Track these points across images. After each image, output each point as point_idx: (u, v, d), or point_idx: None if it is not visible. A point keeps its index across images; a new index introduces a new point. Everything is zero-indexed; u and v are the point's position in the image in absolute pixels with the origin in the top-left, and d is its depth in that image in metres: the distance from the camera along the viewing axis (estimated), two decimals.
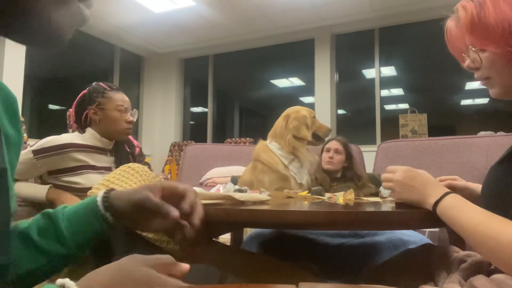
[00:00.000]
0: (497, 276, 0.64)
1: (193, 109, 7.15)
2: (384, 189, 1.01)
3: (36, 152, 1.47)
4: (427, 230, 1.71)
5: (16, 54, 4.53)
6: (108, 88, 1.65)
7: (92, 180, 1.52)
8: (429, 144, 2.36)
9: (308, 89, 5.92)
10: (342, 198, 1.12)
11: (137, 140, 2.26)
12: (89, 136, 1.60)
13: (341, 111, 5.79)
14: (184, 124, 6.83)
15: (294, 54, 6.17)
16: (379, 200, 1.14)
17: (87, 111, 1.62)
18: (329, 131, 1.87)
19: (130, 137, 1.74)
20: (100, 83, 1.67)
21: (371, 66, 5.54)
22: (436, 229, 1.69)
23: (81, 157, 1.54)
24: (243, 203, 0.93)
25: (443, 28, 0.86)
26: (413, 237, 1.32)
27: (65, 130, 2.14)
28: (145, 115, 6.62)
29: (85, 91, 1.65)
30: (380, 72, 5.49)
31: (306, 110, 1.82)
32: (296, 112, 1.79)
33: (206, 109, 6.69)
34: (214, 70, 6.65)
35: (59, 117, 3.33)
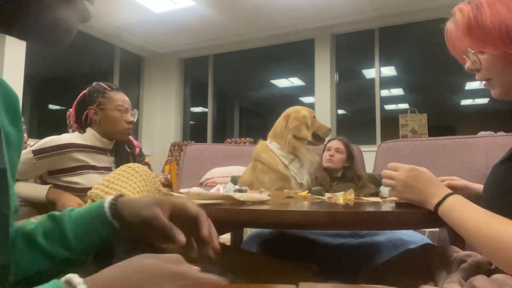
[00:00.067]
0: (497, 276, 0.64)
1: (193, 109, 7.15)
2: (384, 188, 1.01)
3: (36, 152, 1.47)
4: (427, 230, 1.71)
5: (16, 54, 4.53)
6: (109, 88, 1.65)
7: (92, 180, 1.52)
8: (429, 144, 2.36)
9: (308, 89, 5.92)
10: (342, 198, 1.13)
11: (137, 140, 2.26)
12: (89, 136, 1.60)
13: (341, 111, 5.79)
14: (184, 124, 6.83)
15: (294, 54, 6.17)
16: (379, 200, 1.14)
17: (87, 111, 1.62)
18: (329, 131, 1.87)
19: (130, 137, 1.74)
20: (101, 83, 1.66)
21: (371, 66, 5.54)
22: (436, 229, 1.69)
23: (81, 157, 1.54)
24: (243, 203, 0.93)
25: (443, 28, 0.87)
26: (413, 237, 1.32)
27: (65, 130, 2.13)
28: (145, 115, 6.62)
29: (85, 91, 1.65)
30: (380, 72, 5.49)
31: (306, 110, 1.82)
32: (296, 112, 1.79)
33: (206, 109, 6.69)
34: (214, 70, 6.65)
35: (59, 117, 3.33)
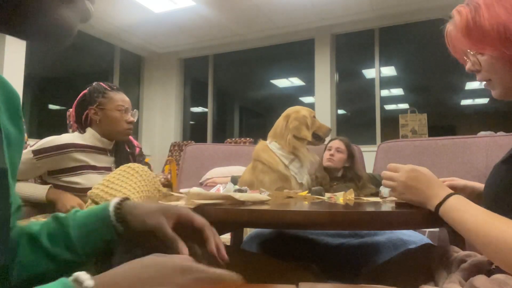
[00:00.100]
0: (498, 276, 0.64)
1: (193, 109, 7.15)
2: (384, 188, 1.01)
3: (36, 152, 1.47)
4: (427, 230, 1.70)
5: (16, 54, 4.53)
6: (109, 88, 1.64)
7: (92, 180, 1.52)
8: (429, 144, 2.36)
9: (308, 89, 5.91)
10: (342, 198, 1.12)
11: (137, 140, 2.26)
12: (89, 136, 1.60)
13: (341, 111, 5.79)
14: (184, 124, 6.83)
15: (294, 54, 6.17)
16: (379, 200, 1.14)
17: (87, 111, 1.62)
18: (329, 131, 1.87)
19: (130, 137, 1.74)
20: (101, 83, 1.66)
21: (371, 66, 5.54)
22: (436, 229, 1.69)
23: (81, 157, 1.54)
24: (243, 203, 0.93)
25: (443, 28, 0.87)
26: (413, 237, 1.32)
27: (65, 130, 2.13)
28: (145, 115, 6.62)
29: (85, 91, 1.65)
30: (380, 72, 5.49)
31: (306, 110, 1.83)
32: (296, 112, 1.79)
33: (206, 109, 6.68)
34: (214, 70, 6.65)
35: (59, 117, 3.33)
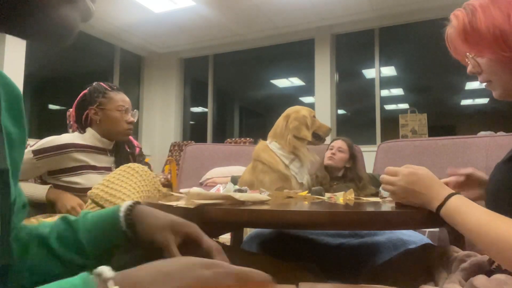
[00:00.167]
0: (498, 276, 0.64)
1: (193, 109, 7.15)
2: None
3: (36, 152, 1.47)
4: (427, 230, 1.70)
5: (16, 54, 4.53)
6: (109, 88, 1.64)
7: (92, 180, 1.52)
8: (429, 144, 2.36)
9: (308, 89, 5.91)
10: (342, 198, 1.12)
11: (137, 140, 2.26)
12: (89, 136, 1.60)
13: (341, 111, 5.79)
14: (184, 124, 6.83)
15: (294, 54, 6.16)
16: (379, 200, 1.14)
17: (87, 111, 1.62)
18: (329, 130, 1.87)
19: (130, 137, 1.74)
20: (101, 83, 1.66)
21: (371, 66, 5.54)
22: (436, 229, 1.69)
23: (81, 157, 1.54)
24: (243, 203, 0.93)
25: (443, 29, 0.87)
26: (413, 237, 1.32)
27: (65, 130, 2.13)
28: (145, 115, 6.62)
29: (85, 91, 1.65)
30: (380, 72, 5.49)
31: (306, 110, 1.83)
32: (296, 112, 1.79)
33: (206, 109, 6.68)
34: (214, 70, 6.65)
35: (59, 117, 3.33)
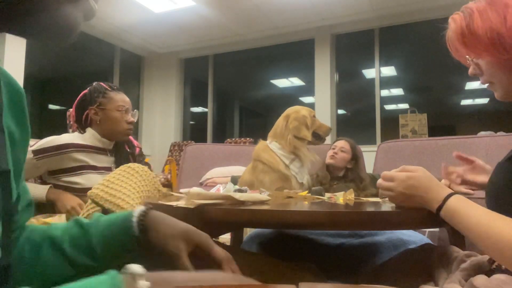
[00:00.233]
0: (498, 276, 0.64)
1: (193, 109, 7.15)
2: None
3: (36, 152, 1.47)
4: (427, 230, 1.70)
5: (16, 54, 4.53)
6: (109, 89, 1.64)
7: (92, 180, 1.52)
8: (429, 144, 2.36)
9: (308, 89, 5.91)
10: (342, 198, 1.12)
11: (137, 140, 2.26)
12: (89, 136, 1.60)
13: (341, 111, 5.79)
14: (184, 124, 6.82)
15: (294, 54, 6.16)
16: (379, 200, 1.14)
17: (87, 111, 1.62)
18: (329, 130, 1.87)
19: (130, 137, 1.74)
20: (101, 83, 1.66)
21: (371, 66, 5.53)
22: (436, 229, 1.69)
23: (81, 157, 1.54)
24: (243, 203, 0.93)
25: (443, 29, 0.87)
26: (413, 237, 1.32)
27: (65, 130, 2.13)
28: (145, 115, 6.62)
29: (85, 91, 1.65)
30: (380, 72, 5.49)
31: (306, 109, 1.83)
32: (296, 112, 1.79)
33: (206, 109, 6.68)
34: (214, 70, 6.65)
35: (59, 117, 3.33)
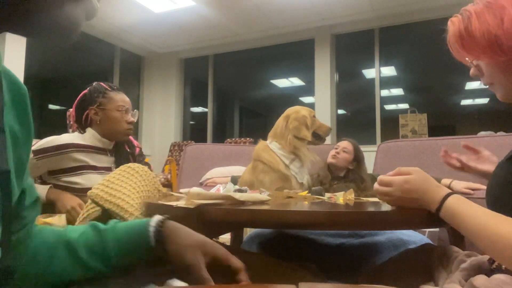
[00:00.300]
0: (498, 276, 0.64)
1: (193, 109, 7.15)
2: None
3: (36, 152, 1.47)
4: (427, 230, 1.70)
5: (16, 54, 4.53)
6: (109, 89, 1.64)
7: (92, 180, 1.52)
8: (429, 144, 2.36)
9: (308, 89, 5.91)
10: (342, 198, 1.13)
11: (137, 140, 2.26)
12: (89, 136, 1.60)
13: (341, 111, 5.79)
14: (184, 124, 6.83)
15: (294, 54, 6.17)
16: (379, 200, 1.14)
17: (87, 111, 1.61)
18: (330, 130, 1.87)
19: (130, 137, 1.74)
20: (101, 83, 1.66)
21: (371, 66, 5.54)
22: (436, 229, 1.69)
23: (81, 157, 1.54)
24: (243, 203, 0.93)
25: (442, 29, 0.87)
26: (413, 237, 1.32)
27: (65, 130, 2.13)
28: (145, 115, 6.62)
29: (85, 91, 1.65)
30: (380, 72, 5.49)
31: (306, 110, 1.83)
32: (296, 112, 1.79)
33: (206, 109, 6.68)
34: (214, 70, 6.65)
35: (59, 117, 3.33)
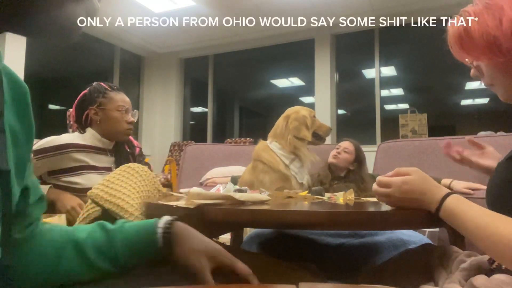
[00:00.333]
0: (498, 276, 0.64)
1: (193, 109, 7.15)
2: None
3: (36, 152, 1.47)
4: (427, 230, 1.70)
5: (16, 54, 4.53)
6: (109, 88, 1.64)
7: (92, 180, 1.52)
8: (429, 144, 2.35)
9: (308, 89, 5.92)
10: (342, 198, 1.13)
11: (137, 140, 2.26)
12: (89, 136, 1.60)
13: (341, 111, 5.79)
14: (184, 124, 6.83)
15: (294, 54, 6.17)
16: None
17: (87, 111, 1.61)
18: (330, 130, 1.87)
19: (130, 137, 1.74)
20: (101, 83, 1.66)
21: (371, 66, 5.54)
22: (436, 229, 1.69)
23: (81, 157, 1.54)
24: (243, 203, 0.93)
25: (442, 29, 0.87)
26: (413, 237, 1.32)
27: (65, 130, 2.14)
28: (145, 115, 6.62)
29: (85, 91, 1.65)
30: (380, 72, 5.49)
31: (306, 110, 1.83)
32: (296, 112, 1.79)
33: (206, 109, 6.68)
34: (214, 70, 6.65)
35: (59, 117, 3.33)
